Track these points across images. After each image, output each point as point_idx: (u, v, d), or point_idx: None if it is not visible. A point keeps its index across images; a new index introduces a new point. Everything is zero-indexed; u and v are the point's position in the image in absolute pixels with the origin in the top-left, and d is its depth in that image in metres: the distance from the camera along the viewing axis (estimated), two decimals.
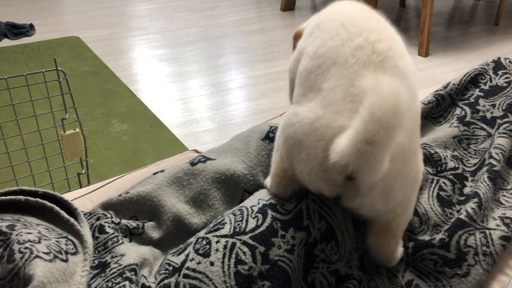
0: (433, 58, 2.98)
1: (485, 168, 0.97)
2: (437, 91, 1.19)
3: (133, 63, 3.05)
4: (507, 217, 0.91)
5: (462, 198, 0.97)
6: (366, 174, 0.67)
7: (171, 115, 2.40)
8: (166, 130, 2.24)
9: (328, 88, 0.77)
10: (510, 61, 1.15)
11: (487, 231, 0.88)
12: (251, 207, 0.86)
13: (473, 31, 3.46)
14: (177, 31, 3.61)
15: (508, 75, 1.10)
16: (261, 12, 4.03)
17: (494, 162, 0.97)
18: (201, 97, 2.59)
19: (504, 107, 1.05)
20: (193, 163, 1.04)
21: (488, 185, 0.95)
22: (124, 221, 0.94)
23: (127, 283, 0.78)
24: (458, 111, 1.12)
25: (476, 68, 1.15)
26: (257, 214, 0.84)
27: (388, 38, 0.80)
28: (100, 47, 3.28)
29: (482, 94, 1.10)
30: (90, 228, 0.91)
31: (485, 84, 1.12)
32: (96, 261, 0.84)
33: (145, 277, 0.83)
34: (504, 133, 1.02)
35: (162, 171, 1.08)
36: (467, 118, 1.08)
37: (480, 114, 1.07)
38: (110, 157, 2.04)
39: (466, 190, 0.99)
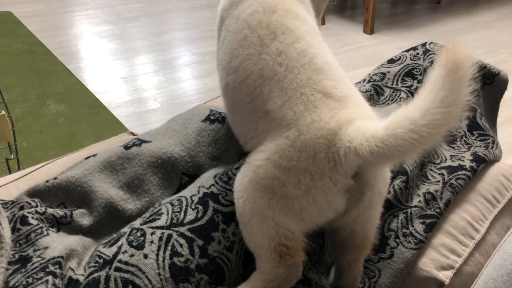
0: (378, 36, 3.01)
1: None
2: (373, 81, 1.20)
3: (71, 41, 2.88)
4: (429, 193, 0.92)
5: (393, 174, 0.96)
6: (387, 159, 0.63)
7: (112, 95, 2.29)
8: (106, 111, 2.14)
9: (277, 108, 0.72)
10: (434, 45, 1.20)
11: (409, 210, 0.89)
12: (191, 197, 0.82)
13: (416, 9, 3.52)
14: (119, 7, 3.45)
15: (431, 55, 1.15)
16: None
17: None
18: (144, 76, 2.49)
19: None
20: (127, 147, 0.98)
21: (415, 160, 0.96)
22: (50, 210, 0.87)
23: (50, 277, 0.72)
24: (403, 94, 1.15)
25: (409, 64, 1.20)
26: (197, 205, 0.80)
27: (303, 32, 0.77)
28: (35, 23, 3.08)
29: (420, 84, 1.14)
30: (12, 220, 0.84)
31: (420, 74, 1.16)
32: (17, 256, 0.77)
33: (72, 269, 0.77)
34: None
35: (94, 155, 1.01)
36: None
37: None
38: (45, 141, 1.93)
39: None
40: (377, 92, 1.17)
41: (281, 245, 0.70)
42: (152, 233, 0.76)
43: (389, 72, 1.19)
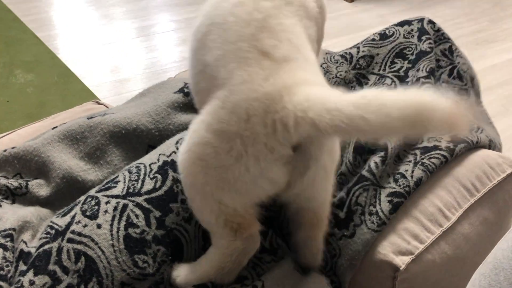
0: (358, 4, 2.96)
1: None
2: (359, 69, 1.12)
3: (41, 7, 2.77)
4: (398, 173, 0.87)
5: (374, 148, 0.93)
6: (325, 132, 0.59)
7: (83, 64, 2.22)
8: (77, 80, 2.08)
9: (213, 61, 0.67)
10: (432, 26, 1.12)
11: (379, 189, 0.85)
12: (150, 164, 0.79)
13: None
14: None
15: (430, 41, 1.08)
16: None
17: None
18: (117, 44, 2.42)
19: (427, 70, 1.03)
20: (90, 117, 0.94)
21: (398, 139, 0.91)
22: (3, 181, 0.84)
23: (0, 250, 0.70)
24: (388, 81, 1.08)
25: (401, 42, 1.11)
26: (155, 175, 0.77)
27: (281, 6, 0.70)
28: None
29: (410, 65, 1.07)
30: None
31: (412, 54, 1.09)
32: None
33: (25, 242, 0.75)
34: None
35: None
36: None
37: (409, 85, 1.05)
38: (13, 111, 1.88)
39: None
40: (359, 82, 1.11)
41: (230, 221, 0.67)
42: (107, 202, 0.74)
43: (378, 54, 1.12)
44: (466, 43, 2.32)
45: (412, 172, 0.86)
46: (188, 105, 0.96)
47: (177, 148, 0.81)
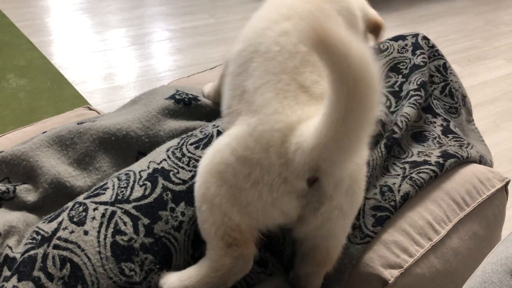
0: None
1: (386, 135, 0.94)
2: None
3: (36, 13, 2.77)
4: (386, 185, 0.86)
5: None
6: (338, 164, 0.60)
7: (77, 70, 2.21)
8: (70, 87, 2.07)
9: (252, 89, 0.68)
10: (426, 42, 1.13)
11: (364, 201, 0.84)
12: (139, 172, 0.79)
13: None
14: None
15: (424, 56, 1.08)
16: None
17: (396, 129, 0.94)
18: (112, 51, 2.42)
19: (418, 82, 1.03)
20: (80, 122, 0.93)
21: (381, 151, 0.91)
22: None
23: None
24: (383, 99, 1.08)
25: (395, 57, 1.11)
26: (145, 182, 0.76)
27: None
28: None
29: (404, 79, 1.08)
30: None
31: (406, 68, 1.09)
32: None
33: (10, 247, 0.73)
34: (413, 103, 1.00)
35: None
36: (392, 108, 1.05)
37: (402, 99, 1.05)
38: (4, 116, 1.86)
39: None
40: None
41: (228, 235, 0.67)
42: (95, 209, 0.73)
43: None
44: (458, 60, 2.35)
45: (400, 186, 0.86)
46: (179, 112, 0.95)
47: (168, 157, 0.81)
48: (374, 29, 0.95)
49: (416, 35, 1.14)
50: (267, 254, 0.81)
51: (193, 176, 0.77)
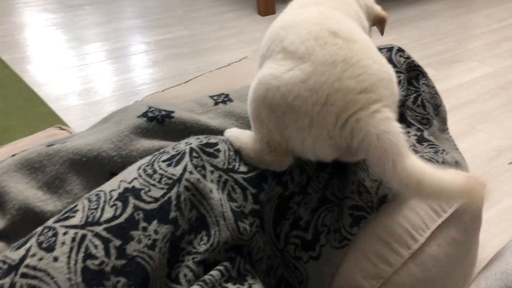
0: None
1: None
2: None
3: (7, 30, 2.72)
4: (363, 185, 0.86)
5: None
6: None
7: (51, 88, 2.17)
8: (44, 104, 2.03)
9: (290, 41, 0.75)
10: (401, 54, 1.14)
11: (342, 202, 0.84)
12: (110, 191, 0.77)
13: None
14: None
15: (399, 74, 1.10)
16: None
17: None
18: (86, 67, 2.38)
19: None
20: (50, 144, 0.91)
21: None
22: None
23: None
24: None
25: None
26: (116, 202, 0.74)
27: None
28: None
29: None
30: None
31: None
32: None
33: None
34: None
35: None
36: None
37: None
38: None
39: None
40: None
41: (270, 144, 0.77)
42: (65, 233, 0.70)
43: None
44: (433, 63, 2.37)
45: (377, 189, 0.86)
46: (152, 131, 0.93)
47: (140, 175, 0.79)
48: (379, 22, 1.05)
49: (390, 49, 1.15)
50: (247, 266, 0.80)
51: (164, 194, 0.76)
